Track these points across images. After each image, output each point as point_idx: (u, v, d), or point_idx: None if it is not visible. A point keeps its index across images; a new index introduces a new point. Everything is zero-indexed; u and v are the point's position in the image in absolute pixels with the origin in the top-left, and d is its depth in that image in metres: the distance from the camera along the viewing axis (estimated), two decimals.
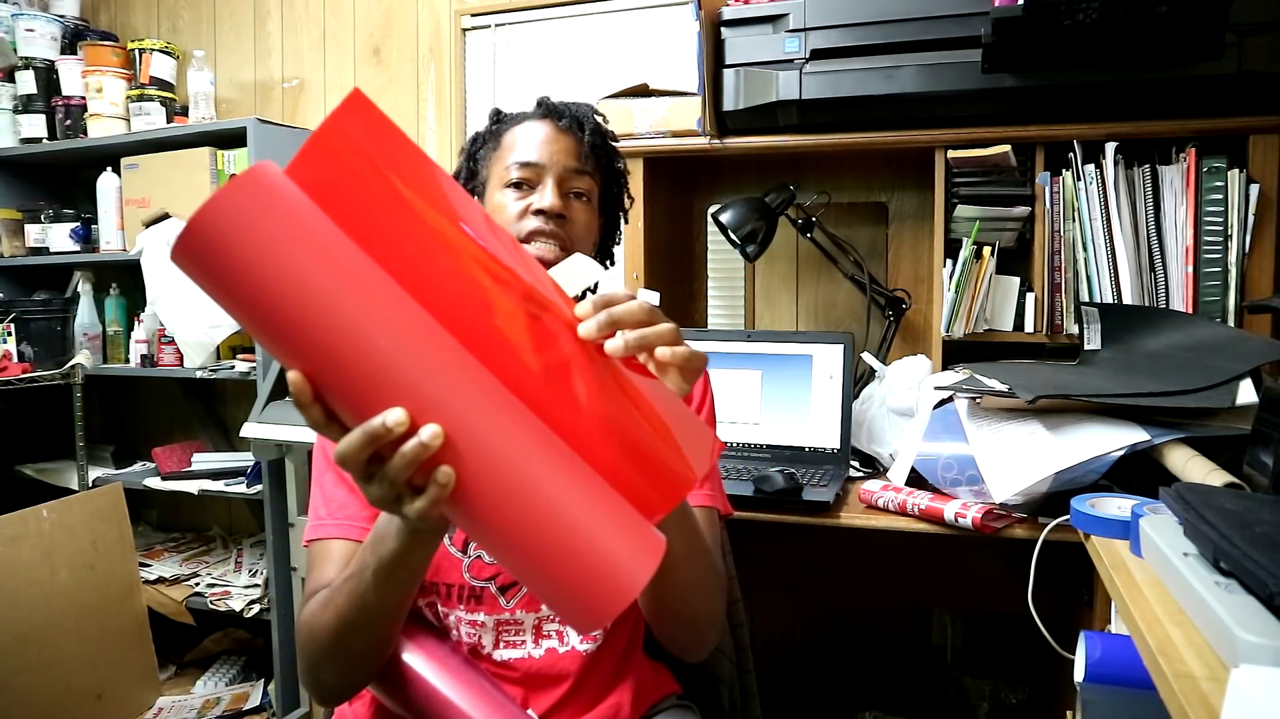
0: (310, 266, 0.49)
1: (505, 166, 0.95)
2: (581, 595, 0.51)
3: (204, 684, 2.12)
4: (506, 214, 0.93)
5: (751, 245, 1.61)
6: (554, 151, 0.95)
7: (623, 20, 1.95)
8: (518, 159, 0.94)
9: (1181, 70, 1.30)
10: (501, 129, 0.99)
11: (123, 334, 2.31)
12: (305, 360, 0.50)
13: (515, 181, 0.94)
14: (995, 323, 1.47)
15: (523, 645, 0.92)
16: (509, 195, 0.94)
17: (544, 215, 0.92)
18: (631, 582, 0.51)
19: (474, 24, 2.08)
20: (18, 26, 2.31)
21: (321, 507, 0.89)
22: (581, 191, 0.96)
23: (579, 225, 0.95)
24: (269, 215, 0.49)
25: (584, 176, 0.96)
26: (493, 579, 0.91)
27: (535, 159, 0.94)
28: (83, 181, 2.39)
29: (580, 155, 0.96)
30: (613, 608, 0.51)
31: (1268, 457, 0.84)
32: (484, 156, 1.00)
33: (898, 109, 1.46)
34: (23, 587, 1.59)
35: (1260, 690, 0.43)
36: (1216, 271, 1.33)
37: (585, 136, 0.96)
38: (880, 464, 1.50)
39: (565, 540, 0.51)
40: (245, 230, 0.48)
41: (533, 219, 0.92)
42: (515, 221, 0.93)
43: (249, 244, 0.48)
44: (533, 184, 0.94)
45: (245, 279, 0.49)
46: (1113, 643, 0.81)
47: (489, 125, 1.02)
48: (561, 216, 0.92)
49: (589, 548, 0.51)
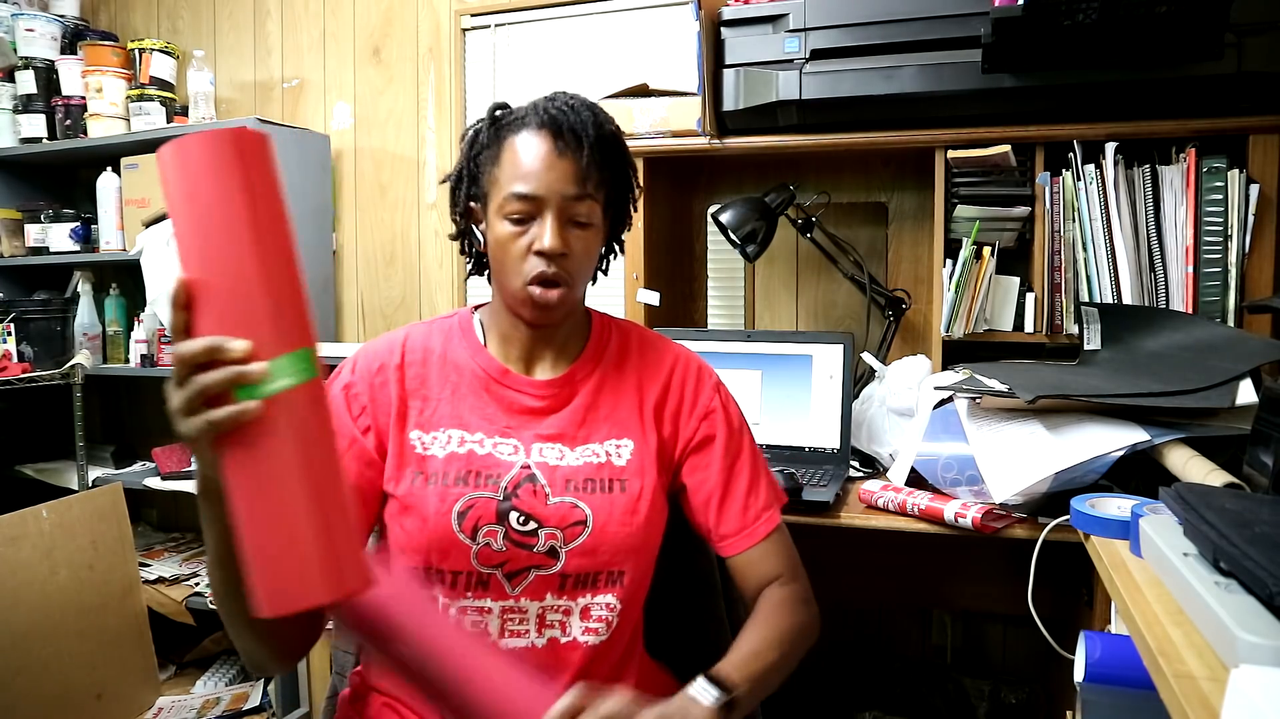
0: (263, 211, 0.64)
1: (504, 195, 0.92)
2: (276, 576, 0.61)
3: (204, 684, 2.12)
4: (511, 253, 0.92)
5: (751, 245, 1.61)
6: (552, 180, 0.91)
7: (623, 20, 1.95)
8: (515, 190, 0.91)
9: (1181, 70, 1.30)
10: (501, 134, 0.96)
11: (123, 334, 2.31)
12: (205, 270, 0.63)
13: (515, 216, 0.92)
14: (995, 323, 1.47)
15: (526, 635, 0.92)
16: (509, 229, 0.92)
17: (545, 257, 0.91)
18: (310, 593, 0.61)
19: (474, 24, 2.09)
20: (18, 26, 2.31)
21: None
22: (583, 220, 0.94)
23: (579, 257, 0.94)
24: (263, 161, 0.66)
25: (585, 201, 0.93)
26: (500, 567, 0.92)
27: (532, 190, 0.91)
28: (83, 181, 2.39)
29: (579, 179, 0.92)
30: (288, 604, 0.60)
31: (1268, 457, 0.84)
32: (484, 164, 0.97)
33: (898, 109, 1.46)
34: (23, 587, 1.58)
35: (1260, 690, 0.43)
36: (1216, 272, 1.33)
37: (585, 155, 0.92)
38: (880, 464, 1.50)
39: (291, 528, 0.61)
40: (249, 162, 0.65)
41: (535, 261, 0.91)
42: (519, 262, 0.92)
43: (246, 171, 0.64)
44: (532, 216, 0.92)
45: (218, 193, 0.63)
46: (1113, 643, 0.81)
47: (488, 126, 0.98)
48: (564, 254, 0.92)
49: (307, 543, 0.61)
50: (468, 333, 1.01)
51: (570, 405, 0.98)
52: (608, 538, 0.93)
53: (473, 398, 0.97)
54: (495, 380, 0.97)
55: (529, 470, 0.94)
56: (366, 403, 0.95)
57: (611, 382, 1.00)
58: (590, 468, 0.95)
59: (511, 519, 0.92)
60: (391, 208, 2.26)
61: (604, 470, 0.95)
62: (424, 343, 1.00)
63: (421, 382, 0.97)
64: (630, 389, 1.00)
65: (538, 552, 0.92)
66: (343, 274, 2.32)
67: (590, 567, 0.93)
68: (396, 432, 0.95)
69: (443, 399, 0.96)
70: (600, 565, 0.93)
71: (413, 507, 0.92)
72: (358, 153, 2.28)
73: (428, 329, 1.02)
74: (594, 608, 0.94)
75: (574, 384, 0.99)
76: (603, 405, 0.99)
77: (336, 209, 2.30)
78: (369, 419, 0.95)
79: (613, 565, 0.94)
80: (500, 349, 1.00)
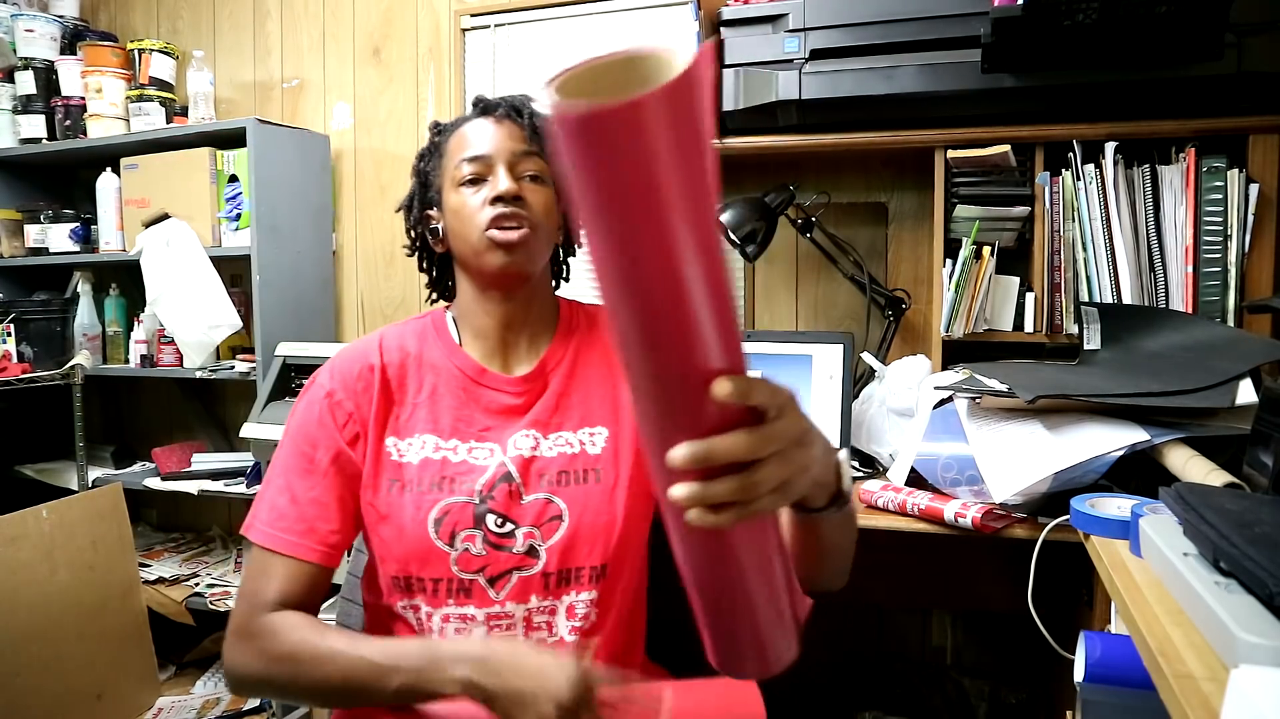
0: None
1: (455, 166, 0.96)
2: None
3: (204, 684, 2.12)
4: (467, 210, 0.94)
5: (751, 245, 1.61)
6: (498, 139, 0.95)
7: (623, 20, 1.95)
8: (465, 155, 0.95)
9: (1181, 70, 1.30)
10: (443, 138, 1.00)
11: (122, 334, 2.31)
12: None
13: (468, 179, 0.94)
14: (995, 323, 1.47)
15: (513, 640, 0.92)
16: (464, 193, 0.94)
17: (501, 201, 0.92)
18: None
19: (474, 24, 2.08)
20: (17, 27, 2.31)
21: (264, 508, 0.92)
22: (536, 174, 0.96)
23: (537, 206, 0.95)
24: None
25: (533, 158, 0.96)
26: (481, 571, 0.91)
27: (481, 152, 0.94)
28: (82, 182, 2.39)
29: (525, 139, 0.96)
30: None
31: (1268, 457, 0.84)
32: (432, 169, 1.01)
33: (897, 109, 1.46)
34: (23, 587, 1.59)
35: (1260, 690, 0.43)
36: (1216, 272, 1.33)
37: (526, 121, 0.96)
38: (880, 464, 1.50)
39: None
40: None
41: (490, 207, 0.92)
42: (476, 214, 0.93)
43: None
44: (484, 176, 0.94)
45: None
46: (1113, 643, 0.81)
47: (430, 140, 1.03)
48: (519, 199, 0.93)
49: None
50: (442, 332, 1.00)
51: (544, 395, 0.97)
52: (584, 531, 0.92)
53: (451, 399, 0.96)
54: (473, 380, 0.97)
55: (505, 469, 0.93)
56: (351, 410, 0.94)
57: (583, 368, 1.00)
58: (564, 459, 0.94)
59: (489, 522, 0.91)
60: (391, 208, 2.23)
61: (577, 461, 0.95)
62: (399, 345, 0.99)
63: (400, 385, 0.96)
64: (603, 375, 0.99)
65: (517, 552, 0.91)
66: (343, 274, 2.32)
67: (570, 562, 0.92)
68: (375, 439, 0.94)
69: (419, 403, 0.96)
70: (581, 561, 0.93)
71: (389, 515, 0.92)
72: (358, 153, 2.28)
73: (401, 331, 1.01)
74: (577, 605, 0.93)
75: (545, 374, 0.98)
76: (575, 393, 0.98)
77: (336, 209, 2.30)
78: (356, 427, 0.94)
79: (593, 559, 0.93)
80: (475, 345, 0.99)
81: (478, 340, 0.99)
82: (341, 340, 2.31)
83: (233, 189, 2.08)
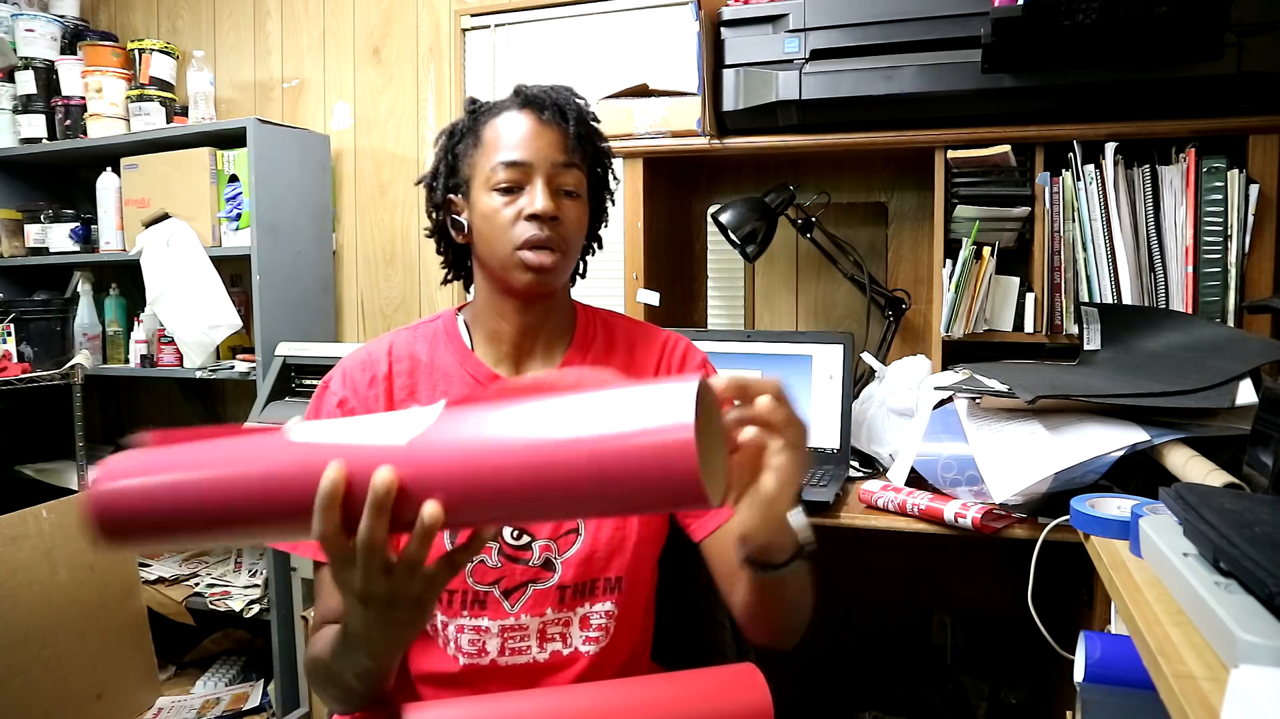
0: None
1: (491, 167, 0.91)
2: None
3: (204, 684, 2.12)
4: (499, 220, 0.90)
5: (751, 245, 1.61)
6: (540, 147, 0.90)
7: (623, 20, 1.95)
8: (503, 159, 0.90)
9: (1181, 70, 1.30)
10: (480, 122, 0.95)
11: (122, 334, 2.31)
12: None
13: (503, 185, 0.90)
14: (995, 323, 1.47)
15: (527, 651, 0.91)
16: (497, 200, 0.91)
17: (537, 220, 0.89)
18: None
19: (474, 24, 2.08)
20: (17, 26, 2.31)
21: None
22: (571, 189, 0.93)
23: (571, 225, 0.92)
24: None
25: (572, 170, 0.92)
26: (496, 583, 0.90)
27: (521, 158, 0.90)
28: (82, 182, 2.39)
29: (567, 149, 0.92)
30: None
31: (1267, 457, 0.84)
32: (464, 153, 0.95)
33: (897, 109, 1.46)
34: (23, 586, 1.59)
35: (1260, 690, 0.43)
36: (1216, 272, 1.33)
37: (570, 127, 0.92)
38: (880, 464, 1.50)
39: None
40: None
41: (525, 225, 0.89)
42: (509, 228, 0.90)
43: None
44: (521, 185, 0.91)
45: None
46: (1113, 643, 0.81)
47: (466, 118, 0.97)
48: (555, 219, 0.90)
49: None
50: (453, 337, 0.98)
51: None
52: (601, 544, 0.91)
53: None
54: (485, 388, 0.96)
55: None
56: None
57: None
58: None
59: (505, 534, 0.90)
60: (391, 208, 2.26)
61: None
62: (410, 350, 0.96)
63: (410, 392, 0.94)
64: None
65: (533, 565, 0.90)
66: (343, 274, 2.32)
67: (587, 575, 0.91)
68: None
69: None
70: (596, 573, 0.92)
71: None
72: (357, 153, 2.28)
73: (412, 335, 0.99)
74: (593, 616, 0.92)
75: None
76: None
77: (336, 209, 2.30)
78: None
79: (609, 572, 0.92)
80: (488, 349, 0.97)
81: (490, 344, 0.97)
82: (341, 340, 2.31)
83: (233, 189, 2.08)
